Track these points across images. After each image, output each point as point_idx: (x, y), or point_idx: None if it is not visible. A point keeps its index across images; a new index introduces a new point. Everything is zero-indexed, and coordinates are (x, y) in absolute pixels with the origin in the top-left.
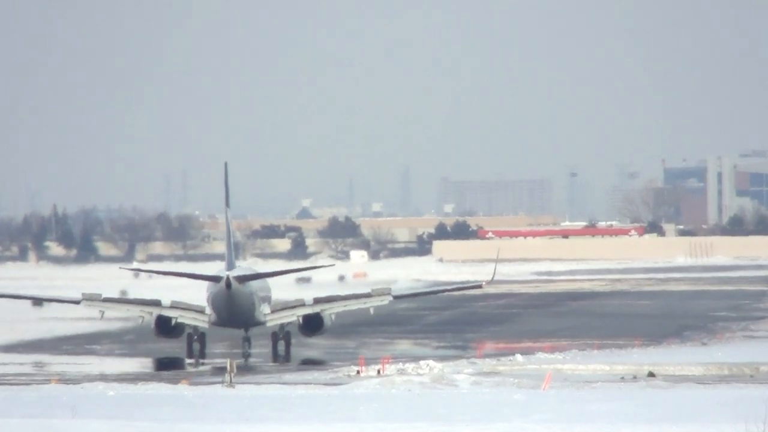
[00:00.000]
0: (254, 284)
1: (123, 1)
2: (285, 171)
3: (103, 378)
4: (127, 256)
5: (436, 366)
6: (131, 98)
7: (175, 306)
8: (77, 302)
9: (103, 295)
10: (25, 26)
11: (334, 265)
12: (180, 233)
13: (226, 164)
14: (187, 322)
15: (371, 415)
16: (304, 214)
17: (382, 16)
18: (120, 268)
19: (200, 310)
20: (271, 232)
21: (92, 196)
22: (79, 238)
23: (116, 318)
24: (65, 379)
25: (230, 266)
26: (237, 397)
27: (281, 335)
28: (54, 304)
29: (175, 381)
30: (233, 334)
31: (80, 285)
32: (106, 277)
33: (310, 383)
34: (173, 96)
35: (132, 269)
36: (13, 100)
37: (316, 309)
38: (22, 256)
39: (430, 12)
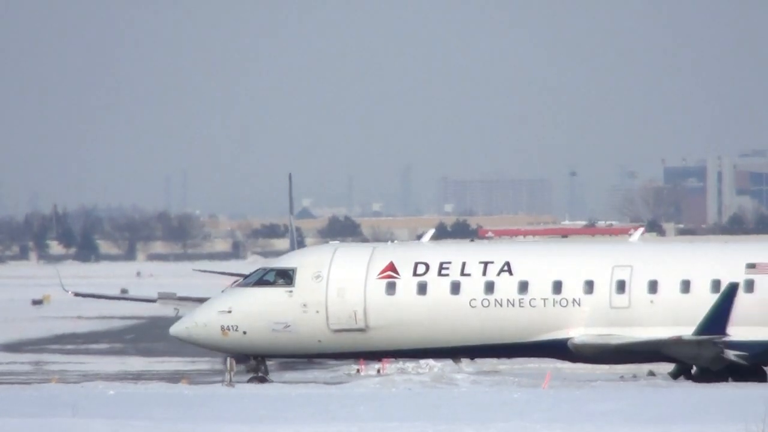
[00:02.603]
0: None
1: (123, 0)
2: (285, 171)
3: (104, 377)
4: (128, 255)
5: (436, 365)
6: (131, 98)
7: None
8: (153, 301)
9: (178, 294)
10: (24, 26)
11: None
12: (180, 232)
13: (290, 175)
14: None
15: (371, 414)
16: (305, 213)
17: (382, 15)
18: (193, 270)
19: None
20: (272, 231)
21: (93, 195)
22: (80, 237)
23: (117, 317)
24: (65, 379)
25: None
26: (237, 397)
27: None
28: (54, 304)
29: (175, 380)
30: None
31: (81, 283)
32: (107, 276)
33: (310, 382)
34: (173, 96)
35: (202, 270)
36: (13, 100)
37: None
38: (23, 255)
39: (429, 11)
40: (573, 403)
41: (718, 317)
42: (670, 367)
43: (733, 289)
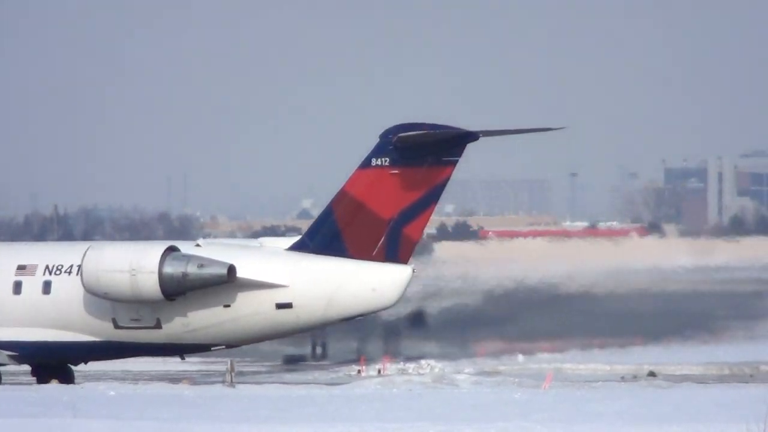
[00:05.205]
0: None
1: (123, 1)
2: (285, 171)
3: (104, 378)
4: None
5: (437, 366)
6: (132, 98)
7: None
8: None
9: None
10: (23, 25)
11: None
12: (181, 233)
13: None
14: None
15: (372, 415)
16: (305, 214)
17: (381, 16)
18: None
19: None
20: (272, 232)
21: (93, 196)
22: (80, 238)
23: None
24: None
25: None
26: (237, 397)
27: None
28: None
29: (175, 381)
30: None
31: None
32: None
33: (311, 383)
34: (174, 96)
35: None
36: (13, 99)
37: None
38: None
39: (429, 12)
40: (573, 404)
41: None
42: (670, 367)
43: None
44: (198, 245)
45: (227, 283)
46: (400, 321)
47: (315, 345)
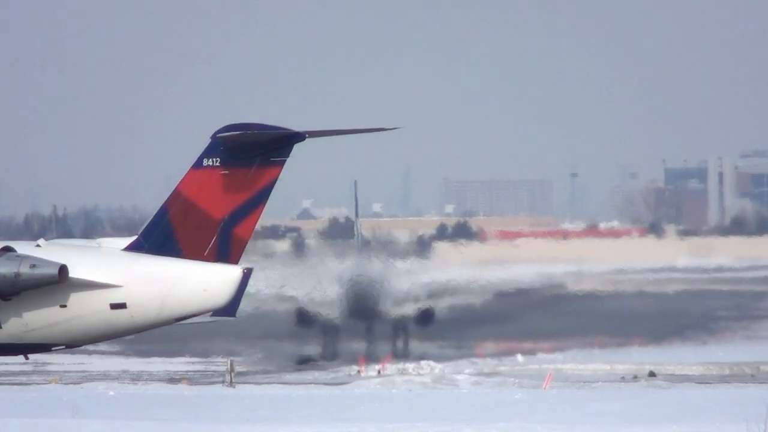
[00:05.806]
0: None
1: (122, 0)
2: (285, 171)
3: (104, 378)
4: None
5: (437, 366)
6: (131, 98)
7: None
8: None
9: None
10: (25, 25)
11: None
12: None
13: (355, 182)
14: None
15: (372, 415)
16: (305, 214)
17: (381, 15)
18: None
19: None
20: (272, 232)
21: (93, 196)
22: (80, 238)
23: None
24: (65, 379)
25: None
26: (237, 397)
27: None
28: None
29: (175, 381)
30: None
31: None
32: None
33: (311, 383)
34: (173, 96)
35: None
36: (14, 99)
37: (428, 304)
38: None
39: (429, 11)
40: (574, 404)
41: None
42: (670, 367)
43: None
44: (38, 245)
45: (60, 283)
46: (401, 321)
47: (325, 345)
